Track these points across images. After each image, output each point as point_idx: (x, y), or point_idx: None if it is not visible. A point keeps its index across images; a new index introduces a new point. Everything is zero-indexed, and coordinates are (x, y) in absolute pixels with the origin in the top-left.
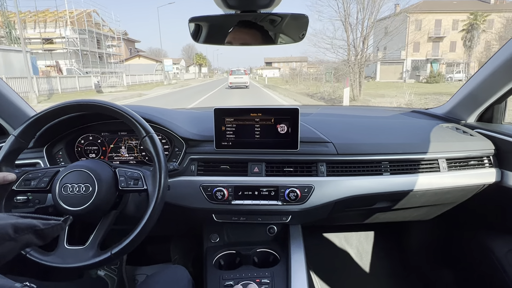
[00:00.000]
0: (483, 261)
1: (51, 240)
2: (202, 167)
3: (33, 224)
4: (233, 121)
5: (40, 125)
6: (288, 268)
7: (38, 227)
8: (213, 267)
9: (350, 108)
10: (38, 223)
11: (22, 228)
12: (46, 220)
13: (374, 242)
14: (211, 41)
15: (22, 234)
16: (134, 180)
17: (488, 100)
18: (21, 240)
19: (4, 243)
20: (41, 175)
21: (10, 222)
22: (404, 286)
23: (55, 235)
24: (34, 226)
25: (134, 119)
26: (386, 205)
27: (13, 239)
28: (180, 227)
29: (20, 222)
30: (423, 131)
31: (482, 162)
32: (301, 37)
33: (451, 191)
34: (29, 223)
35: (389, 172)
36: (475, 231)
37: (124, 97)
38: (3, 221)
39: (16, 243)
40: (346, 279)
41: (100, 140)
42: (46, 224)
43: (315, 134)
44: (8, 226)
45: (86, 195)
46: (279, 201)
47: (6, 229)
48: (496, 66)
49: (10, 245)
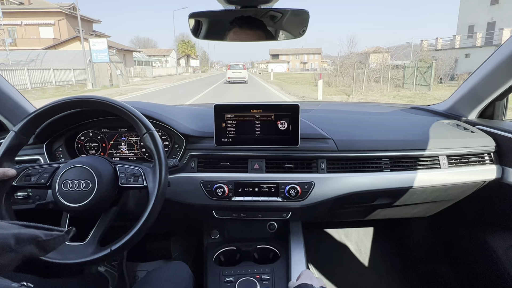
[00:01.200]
0: (483, 257)
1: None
2: (202, 163)
3: (35, 235)
4: (233, 117)
5: (40, 121)
6: (288, 264)
7: (40, 238)
8: (213, 263)
9: (351, 105)
10: (40, 234)
11: (24, 239)
12: (48, 230)
13: (373, 238)
14: (212, 36)
15: (24, 245)
16: (134, 177)
17: (490, 97)
18: (22, 252)
19: (5, 254)
20: (41, 171)
21: (13, 232)
22: (404, 282)
23: (56, 246)
24: (36, 237)
25: (134, 116)
26: (386, 202)
27: (14, 251)
28: (180, 223)
29: (23, 233)
30: (424, 128)
31: (483, 159)
32: (302, 33)
33: (452, 188)
34: (31, 234)
35: (389, 168)
36: (475, 227)
37: None
38: (6, 231)
39: (17, 254)
40: (346, 275)
41: (100, 136)
42: (48, 235)
43: (316, 131)
44: (10, 237)
45: (86, 192)
46: (279, 197)
47: (8, 240)
48: (497, 63)
49: (11, 256)
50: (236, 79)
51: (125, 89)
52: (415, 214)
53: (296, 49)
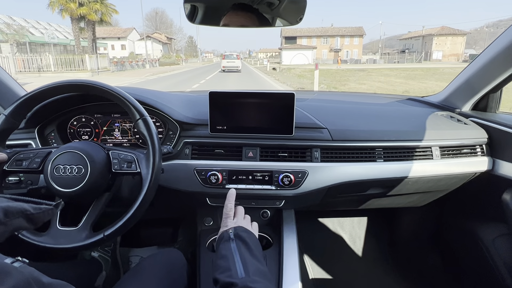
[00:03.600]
0: (472, 246)
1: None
2: (196, 150)
3: (24, 209)
4: (228, 105)
5: (31, 104)
6: (280, 251)
7: (29, 212)
8: (207, 250)
9: (346, 95)
10: (29, 207)
11: (12, 212)
12: (37, 204)
13: (367, 227)
14: (207, 22)
15: (13, 218)
16: (127, 163)
17: (484, 89)
18: (12, 224)
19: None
20: (33, 155)
21: (1, 206)
22: (395, 270)
23: (45, 219)
24: (25, 211)
25: (128, 101)
26: (379, 192)
27: (3, 223)
28: (173, 210)
29: (11, 206)
30: (418, 119)
31: (475, 151)
32: (299, 21)
33: (443, 179)
34: (20, 208)
35: (382, 158)
36: (464, 218)
37: None
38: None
39: (6, 227)
40: (338, 263)
41: (93, 122)
42: (37, 209)
43: (310, 120)
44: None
45: (79, 177)
46: (273, 185)
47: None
48: (493, 55)
49: (0, 229)
50: (231, 68)
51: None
52: (407, 204)
53: (323, 28)
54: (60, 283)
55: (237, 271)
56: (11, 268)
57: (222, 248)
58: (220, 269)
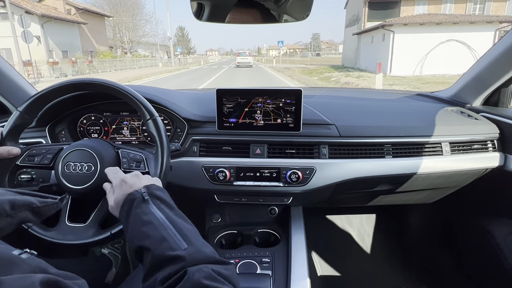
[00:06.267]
0: (482, 244)
1: (48, 217)
2: (204, 148)
3: (29, 202)
4: (236, 102)
5: (44, 101)
6: (288, 248)
7: (34, 205)
8: (215, 246)
9: (354, 91)
10: (35, 200)
11: (19, 204)
12: (43, 198)
13: (375, 224)
14: (214, 19)
15: (19, 211)
16: (136, 162)
17: (495, 83)
18: (18, 217)
19: (1, 218)
20: (45, 151)
21: (8, 198)
22: (404, 268)
23: (51, 213)
24: (30, 204)
25: (138, 101)
26: (387, 188)
27: (10, 216)
28: (181, 207)
29: (18, 199)
30: (427, 115)
31: (486, 146)
32: (305, 17)
33: (454, 175)
34: (26, 200)
35: (391, 155)
36: (475, 214)
37: None
38: (1, 196)
39: (13, 219)
40: (347, 260)
41: (102, 120)
42: (43, 202)
43: (318, 116)
44: (5, 202)
45: (88, 174)
46: (281, 182)
47: (3, 205)
48: (504, 49)
49: (7, 220)
50: (244, 63)
51: None
52: (417, 200)
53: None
54: (69, 275)
55: (175, 241)
56: (18, 259)
57: (140, 213)
58: (151, 238)
